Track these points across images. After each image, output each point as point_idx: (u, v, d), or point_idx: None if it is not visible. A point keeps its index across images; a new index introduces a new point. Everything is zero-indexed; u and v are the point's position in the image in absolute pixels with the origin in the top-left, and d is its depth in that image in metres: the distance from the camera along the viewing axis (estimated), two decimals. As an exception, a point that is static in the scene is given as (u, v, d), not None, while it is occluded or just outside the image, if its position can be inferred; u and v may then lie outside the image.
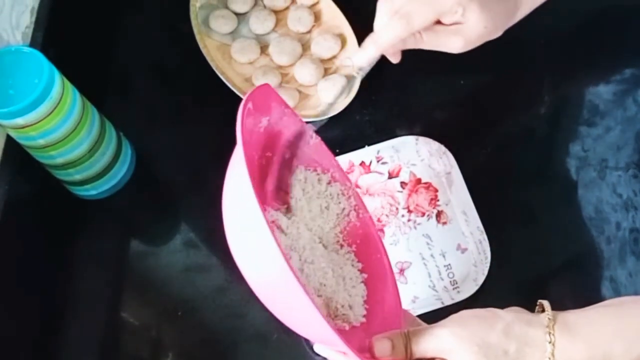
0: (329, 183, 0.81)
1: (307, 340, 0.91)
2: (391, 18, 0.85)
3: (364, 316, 0.75)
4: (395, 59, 0.91)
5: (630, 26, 1.11)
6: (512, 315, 0.69)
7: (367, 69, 0.91)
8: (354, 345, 0.65)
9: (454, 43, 0.88)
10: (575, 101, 1.08)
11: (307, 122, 0.81)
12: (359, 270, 0.79)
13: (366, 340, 0.71)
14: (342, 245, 0.80)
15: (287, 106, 0.78)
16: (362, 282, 0.78)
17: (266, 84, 0.77)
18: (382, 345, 0.69)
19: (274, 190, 0.77)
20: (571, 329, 0.68)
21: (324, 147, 0.82)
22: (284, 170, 0.79)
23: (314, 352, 0.76)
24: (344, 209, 0.81)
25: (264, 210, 0.63)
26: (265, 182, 0.77)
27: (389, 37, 0.86)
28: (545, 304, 0.70)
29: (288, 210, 0.78)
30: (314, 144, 0.81)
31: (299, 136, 0.80)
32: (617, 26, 1.11)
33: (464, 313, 0.71)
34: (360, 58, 0.90)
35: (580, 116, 1.05)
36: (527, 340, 0.68)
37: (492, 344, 0.68)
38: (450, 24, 0.87)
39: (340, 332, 0.64)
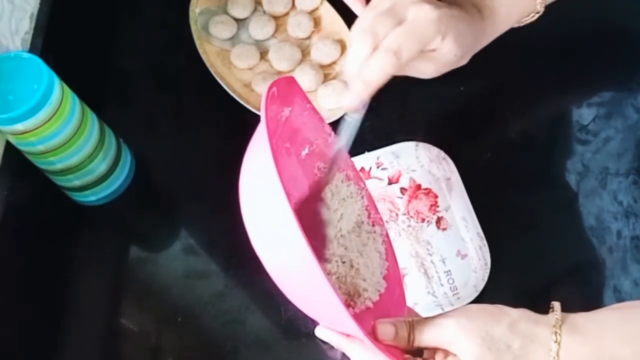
0: (343, 182, 0.82)
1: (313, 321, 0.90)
2: (375, 53, 0.79)
3: (373, 302, 0.76)
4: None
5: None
6: (520, 313, 0.70)
7: (362, 111, 0.82)
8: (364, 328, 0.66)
9: (425, 69, 0.86)
10: (581, 112, 1.08)
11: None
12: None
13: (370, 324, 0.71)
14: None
15: (309, 102, 0.78)
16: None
17: (292, 77, 0.76)
18: (385, 329, 0.70)
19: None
20: (579, 331, 0.68)
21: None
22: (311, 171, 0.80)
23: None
24: (358, 208, 0.81)
25: (288, 195, 0.62)
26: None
27: (379, 74, 0.79)
28: (556, 305, 0.70)
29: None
30: (330, 142, 0.81)
31: (318, 134, 0.81)
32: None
33: (471, 306, 0.72)
34: (351, 102, 0.81)
35: (580, 129, 1.05)
36: (532, 338, 0.68)
37: (495, 338, 0.68)
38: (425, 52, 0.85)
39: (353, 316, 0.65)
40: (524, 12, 0.93)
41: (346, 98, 0.80)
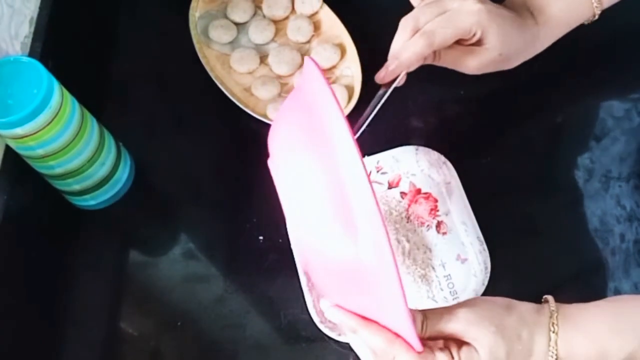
0: None
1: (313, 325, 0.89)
2: (413, 35, 0.89)
3: None
4: (400, 82, 0.93)
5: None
6: (525, 305, 0.74)
7: (392, 87, 0.92)
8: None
9: (468, 63, 0.93)
10: (582, 115, 1.08)
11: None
12: None
13: None
14: None
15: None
16: None
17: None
18: None
19: None
20: (572, 321, 0.72)
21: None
22: None
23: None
24: None
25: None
26: None
27: (411, 54, 0.89)
28: (549, 297, 0.75)
29: None
30: None
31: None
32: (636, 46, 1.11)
33: (481, 298, 0.76)
34: (383, 75, 0.92)
35: (586, 130, 1.05)
36: (535, 328, 0.71)
37: (508, 327, 0.71)
38: (468, 45, 0.92)
39: None
40: (580, 17, 0.96)
41: (380, 72, 0.91)
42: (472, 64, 0.93)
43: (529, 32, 0.94)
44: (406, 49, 0.89)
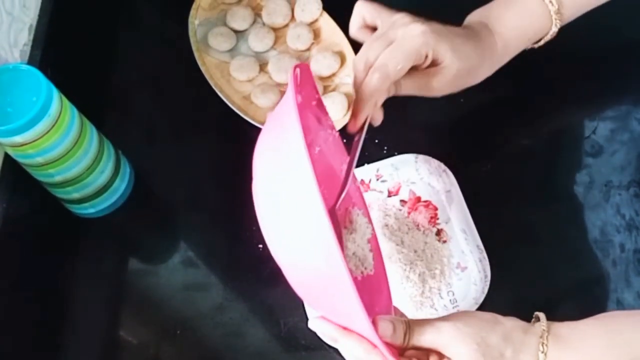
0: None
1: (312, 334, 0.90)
2: (368, 72, 0.85)
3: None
4: (376, 120, 0.90)
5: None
6: (512, 322, 0.73)
7: (363, 132, 0.88)
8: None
9: (432, 86, 0.90)
10: (583, 124, 1.08)
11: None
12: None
13: None
14: None
15: (317, 92, 0.81)
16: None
17: (307, 64, 0.77)
18: (385, 326, 0.71)
19: None
20: (564, 341, 0.71)
21: (339, 143, 0.86)
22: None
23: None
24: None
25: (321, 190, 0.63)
26: None
27: (371, 90, 0.85)
28: (541, 315, 0.74)
29: None
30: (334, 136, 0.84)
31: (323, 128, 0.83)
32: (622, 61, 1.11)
33: (467, 312, 0.75)
34: (353, 124, 0.87)
35: (587, 139, 1.05)
36: (522, 347, 0.71)
37: (490, 345, 0.70)
38: (425, 69, 0.90)
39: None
40: (538, 30, 0.94)
41: (349, 121, 0.86)
42: (436, 86, 0.90)
43: (485, 44, 0.92)
44: (365, 88, 0.85)
